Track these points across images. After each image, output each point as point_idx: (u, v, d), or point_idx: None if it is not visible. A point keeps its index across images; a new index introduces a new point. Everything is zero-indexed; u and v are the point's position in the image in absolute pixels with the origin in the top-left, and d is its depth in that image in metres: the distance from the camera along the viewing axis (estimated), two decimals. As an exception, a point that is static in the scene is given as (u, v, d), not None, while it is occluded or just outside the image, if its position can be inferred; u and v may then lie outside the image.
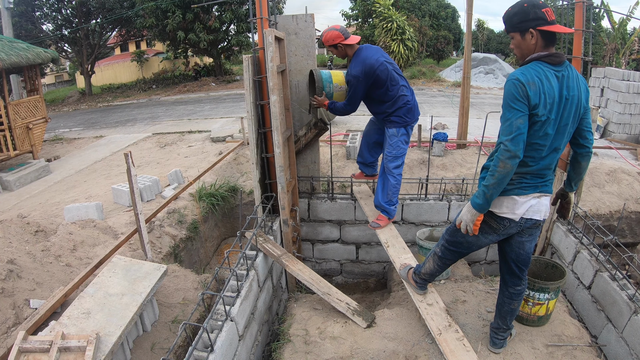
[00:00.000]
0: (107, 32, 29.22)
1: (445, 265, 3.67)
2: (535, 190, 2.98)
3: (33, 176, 9.86)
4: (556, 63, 2.74)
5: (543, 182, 3.00)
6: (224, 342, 3.23)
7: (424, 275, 3.87)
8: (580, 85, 2.82)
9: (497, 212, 3.05)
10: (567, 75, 2.76)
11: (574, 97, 2.78)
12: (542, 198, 3.02)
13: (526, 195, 2.97)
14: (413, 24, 25.45)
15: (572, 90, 2.76)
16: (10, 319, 3.89)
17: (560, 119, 2.80)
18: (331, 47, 4.68)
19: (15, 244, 4.99)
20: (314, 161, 5.85)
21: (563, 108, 2.77)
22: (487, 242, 3.27)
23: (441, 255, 3.60)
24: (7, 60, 9.97)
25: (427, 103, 17.52)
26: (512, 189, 2.97)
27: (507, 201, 3.00)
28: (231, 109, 17.34)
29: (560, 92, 2.73)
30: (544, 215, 3.08)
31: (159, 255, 5.59)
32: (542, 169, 2.95)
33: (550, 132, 2.80)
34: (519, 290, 3.37)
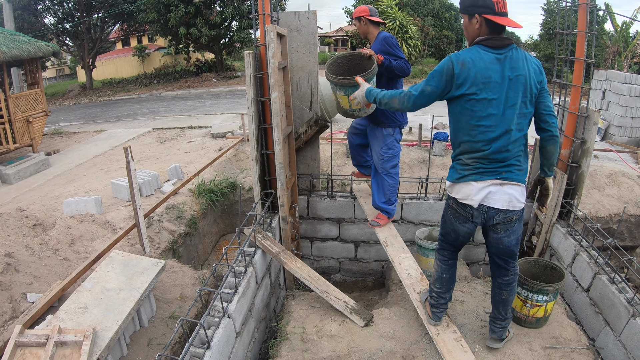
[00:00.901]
0: (109, 26, 29.23)
1: (444, 259, 3.58)
2: (495, 176, 2.97)
3: (32, 170, 9.84)
4: (496, 46, 2.83)
5: (504, 168, 2.96)
6: (220, 338, 3.22)
7: (434, 286, 3.70)
8: (529, 66, 2.85)
9: (458, 198, 3.11)
10: (510, 56, 2.82)
11: (520, 77, 2.82)
12: (505, 186, 2.98)
13: (484, 181, 2.98)
14: (416, 23, 25.41)
15: (517, 70, 2.81)
16: (7, 312, 3.88)
17: (506, 100, 2.85)
18: (356, 19, 4.80)
19: (14, 238, 4.97)
20: (314, 159, 5.84)
21: (508, 88, 2.83)
22: (465, 230, 3.26)
23: (438, 249, 3.61)
24: (8, 53, 9.97)
25: (428, 102, 17.48)
26: (469, 174, 3.02)
27: (465, 187, 3.05)
28: (232, 105, 17.34)
29: (502, 74, 2.80)
30: (507, 204, 3.00)
31: (157, 250, 5.58)
32: (497, 152, 2.93)
33: (494, 112, 2.87)
34: (506, 280, 3.33)
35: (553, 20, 27.40)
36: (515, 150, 2.97)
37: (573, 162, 4.88)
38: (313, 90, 5.37)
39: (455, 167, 3.15)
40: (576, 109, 4.76)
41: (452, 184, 3.17)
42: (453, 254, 3.57)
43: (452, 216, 3.28)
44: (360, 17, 4.73)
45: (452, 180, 3.16)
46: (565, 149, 4.89)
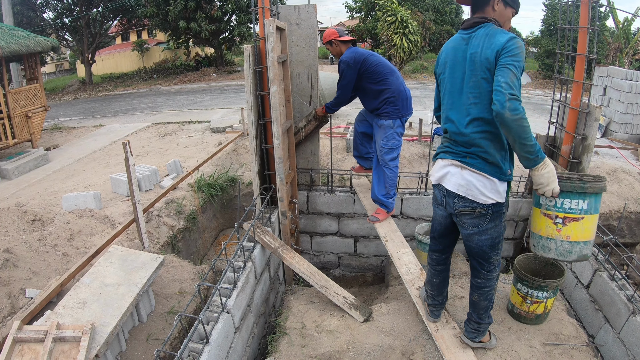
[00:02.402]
0: (108, 21, 29.17)
1: (432, 262, 3.53)
2: (457, 157, 2.95)
3: (32, 165, 9.83)
4: (464, 27, 2.90)
5: (468, 153, 2.89)
6: (219, 334, 3.21)
7: (426, 288, 3.71)
8: (484, 42, 2.71)
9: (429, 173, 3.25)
10: (474, 35, 2.80)
11: (474, 55, 2.75)
12: (464, 171, 2.91)
13: (446, 160, 3.03)
14: (416, 18, 25.34)
15: (473, 48, 2.77)
16: (5, 308, 3.87)
17: (462, 79, 2.87)
18: (327, 44, 4.96)
19: (12, 233, 4.96)
20: (313, 153, 5.82)
21: (461, 67, 2.85)
22: (439, 214, 3.30)
23: (429, 250, 3.61)
24: (7, 48, 9.94)
25: (428, 97, 17.49)
26: (439, 152, 3.14)
27: (435, 165, 3.18)
28: (232, 100, 17.32)
29: (464, 54, 2.83)
30: (465, 191, 2.92)
31: (156, 245, 5.57)
32: (455, 134, 2.95)
33: (448, 91, 2.99)
34: (477, 283, 3.24)
35: (554, 16, 27.32)
36: (474, 136, 2.84)
37: (574, 158, 4.87)
38: (313, 84, 5.36)
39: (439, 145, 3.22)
40: (577, 105, 4.74)
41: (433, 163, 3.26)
42: (441, 255, 3.50)
43: (433, 199, 3.34)
44: (331, 41, 4.92)
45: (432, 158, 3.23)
46: (566, 145, 4.88)
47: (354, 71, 4.75)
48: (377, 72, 4.75)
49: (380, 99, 4.82)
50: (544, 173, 2.69)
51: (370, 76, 4.78)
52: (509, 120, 2.50)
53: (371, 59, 4.75)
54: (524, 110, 2.52)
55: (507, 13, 2.83)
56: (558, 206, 2.95)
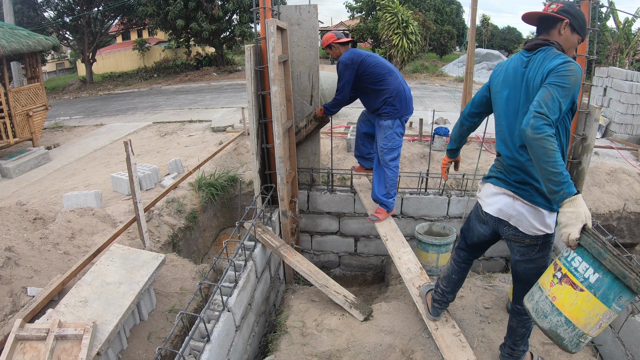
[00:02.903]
0: (109, 20, 29.15)
1: (458, 257, 3.49)
2: (510, 187, 2.85)
3: (32, 164, 9.84)
4: (526, 48, 2.79)
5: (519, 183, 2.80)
6: (220, 332, 3.23)
7: (442, 283, 3.61)
8: (539, 67, 2.62)
9: (477, 195, 3.16)
10: (533, 59, 2.72)
11: (529, 80, 2.67)
12: (516, 202, 2.81)
13: (499, 188, 2.93)
14: (417, 18, 25.35)
15: (530, 72, 2.69)
16: (7, 306, 3.88)
17: (510, 101, 2.83)
18: (327, 48, 5.01)
19: (14, 232, 4.98)
20: (314, 153, 5.84)
21: (519, 91, 2.76)
22: (480, 231, 3.22)
23: (456, 247, 3.57)
24: (7, 47, 9.94)
25: (429, 97, 17.50)
26: (491, 176, 3.04)
27: (485, 187, 3.09)
28: (232, 99, 17.32)
29: (522, 77, 2.74)
30: (516, 222, 2.82)
31: (157, 244, 5.58)
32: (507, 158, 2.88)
33: (498, 111, 2.94)
34: (518, 309, 3.09)
35: (555, 15, 27.30)
36: (526, 163, 2.72)
37: (574, 158, 4.88)
38: (314, 84, 5.37)
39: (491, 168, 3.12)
40: (577, 105, 4.74)
41: (481, 182, 3.17)
42: (468, 257, 3.46)
43: (474, 212, 3.28)
44: (330, 45, 4.97)
45: (481, 179, 3.16)
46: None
47: (352, 72, 4.76)
48: (375, 73, 4.76)
49: (380, 99, 4.84)
50: (566, 211, 2.30)
51: (368, 77, 4.79)
52: (530, 138, 2.34)
53: (369, 60, 4.76)
54: (549, 131, 2.31)
55: (572, 39, 2.71)
56: (567, 257, 2.45)
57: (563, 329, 2.38)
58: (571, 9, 2.66)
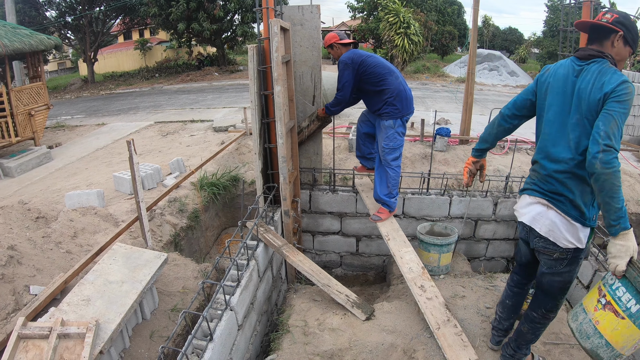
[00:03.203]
0: (111, 19, 29.16)
1: (510, 290, 3.45)
2: (544, 196, 2.83)
3: (34, 163, 9.84)
4: (578, 56, 2.72)
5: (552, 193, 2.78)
6: (223, 331, 3.23)
7: (497, 308, 3.61)
8: (595, 80, 2.56)
9: (514, 207, 3.13)
10: (586, 69, 2.64)
11: (582, 91, 2.61)
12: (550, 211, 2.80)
13: (533, 197, 2.91)
14: (418, 19, 25.36)
15: (583, 83, 2.62)
16: (10, 305, 3.89)
17: (557, 109, 2.77)
18: (329, 47, 5.04)
19: (16, 230, 4.99)
20: (316, 153, 5.85)
21: (568, 100, 2.69)
22: (522, 246, 3.22)
23: (512, 271, 3.52)
24: (10, 46, 9.95)
25: (430, 98, 17.50)
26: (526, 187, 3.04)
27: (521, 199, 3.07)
28: (234, 99, 17.33)
29: (573, 86, 2.67)
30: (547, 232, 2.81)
31: (159, 243, 5.59)
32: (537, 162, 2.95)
33: (542, 118, 2.90)
34: (533, 316, 3.14)
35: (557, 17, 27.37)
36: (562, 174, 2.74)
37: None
38: (316, 84, 5.38)
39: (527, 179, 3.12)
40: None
41: (518, 195, 3.18)
42: (520, 281, 3.39)
43: (519, 231, 3.23)
44: (332, 45, 4.99)
45: (519, 191, 3.16)
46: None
47: (352, 71, 4.77)
48: (375, 73, 4.77)
49: (381, 99, 4.85)
50: (617, 243, 2.41)
51: (369, 78, 4.80)
52: (599, 172, 2.38)
53: (369, 60, 4.77)
54: (618, 165, 2.36)
55: (624, 52, 2.66)
56: (612, 286, 2.56)
57: (603, 350, 2.59)
58: (626, 20, 2.61)
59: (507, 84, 24.27)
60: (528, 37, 45.32)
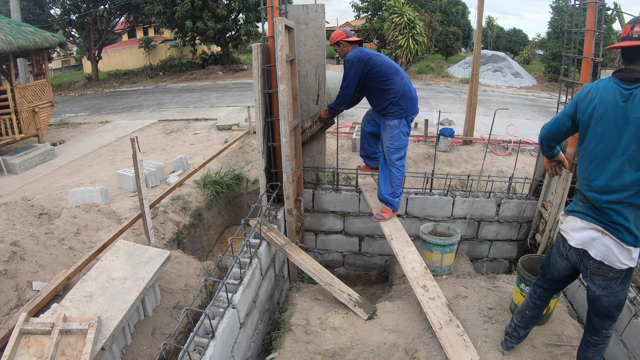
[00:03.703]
0: (115, 18, 29.23)
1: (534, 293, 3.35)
2: (599, 223, 2.72)
3: (38, 160, 9.88)
4: (622, 79, 2.60)
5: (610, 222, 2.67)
6: (225, 329, 3.23)
7: (515, 317, 3.49)
8: None
9: (561, 228, 2.97)
10: (636, 95, 2.50)
11: (635, 120, 2.48)
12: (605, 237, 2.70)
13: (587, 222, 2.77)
14: (423, 19, 25.33)
15: (637, 111, 2.48)
16: (12, 300, 3.90)
17: (606, 137, 2.64)
18: (335, 45, 4.99)
19: (19, 226, 5.00)
20: (320, 152, 5.84)
21: (619, 128, 2.57)
22: (561, 265, 3.06)
23: (534, 282, 3.41)
24: (14, 43, 9.98)
25: (434, 98, 17.50)
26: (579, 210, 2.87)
27: (571, 221, 2.89)
28: (238, 98, 17.35)
29: (624, 114, 2.54)
30: (603, 256, 2.72)
31: (162, 241, 5.60)
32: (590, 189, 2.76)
33: (588, 143, 2.75)
34: (594, 340, 3.03)
35: (561, 18, 27.30)
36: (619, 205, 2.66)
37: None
38: (320, 83, 5.38)
39: (574, 199, 2.97)
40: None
41: (564, 214, 3.02)
42: (544, 294, 3.31)
43: (556, 247, 3.11)
44: (338, 42, 4.94)
45: (565, 211, 3.00)
46: (571, 147, 4.88)
47: (358, 70, 4.75)
48: (381, 72, 4.75)
49: (386, 99, 4.83)
50: None
51: (375, 76, 4.78)
52: None
53: (375, 59, 4.75)
54: None
55: None
56: None
57: None
58: None
59: (511, 85, 24.24)
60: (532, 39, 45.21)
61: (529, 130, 11.40)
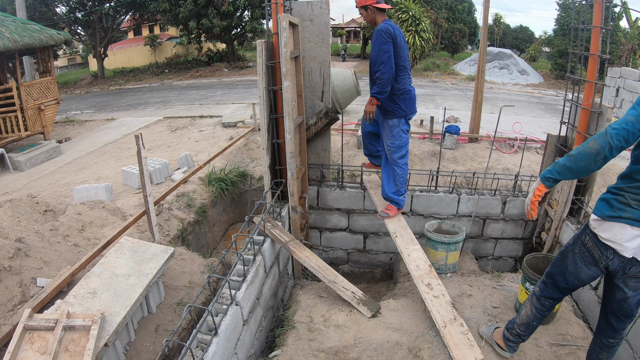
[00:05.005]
0: (121, 15, 29.27)
1: (543, 307, 3.14)
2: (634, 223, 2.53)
3: (43, 157, 9.90)
4: None
5: None
6: (228, 326, 3.23)
7: (518, 328, 3.29)
8: None
9: (603, 236, 2.66)
10: None
11: None
12: None
13: (630, 226, 2.54)
14: (429, 16, 25.26)
15: None
16: (16, 296, 3.91)
17: None
18: (362, 7, 4.60)
19: (24, 223, 5.01)
20: (324, 149, 5.83)
21: None
22: (589, 274, 2.83)
23: (540, 294, 3.16)
24: (20, 41, 10.00)
25: (440, 96, 17.45)
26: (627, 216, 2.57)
27: (617, 228, 2.59)
28: (243, 95, 17.35)
29: None
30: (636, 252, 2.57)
31: (166, 237, 5.60)
32: None
33: None
34: (610, 343, 2.97)
35: (568, 15, 27.16)
36: None
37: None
38: (325, 80, 5.36)
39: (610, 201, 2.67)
40: (589, 105, 4.71)
41: (599, 219, 2.68)
42: (554, 303, 3.14)
43: (579, 254, 2.84)
44: (367, 6, 4.55)
45: (601, 215, 2.67)
46: (578, 144, 4.85)
47: (392, 47, 4.43)
48: (401, 57, 4.53)
49: (396, 92, 4.68)
50: None
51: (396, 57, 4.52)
52: None
53: (400, 42, 4.49)
54: None
55: None
56: None
57: None
58: None
59: (518, 82, 24.13)
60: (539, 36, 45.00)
61: (535, 128, 11.35)
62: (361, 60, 34.29)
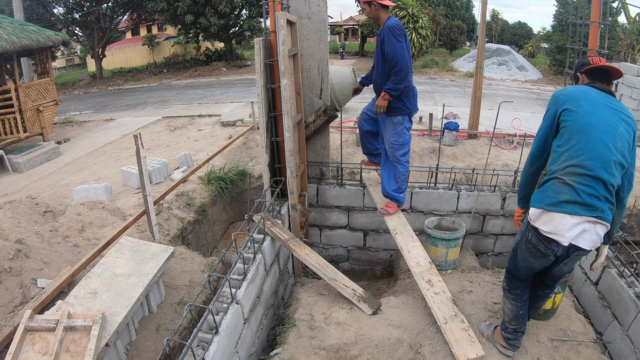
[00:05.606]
0: (119, 15, 29.22)
1: (517, 296, 3.27)
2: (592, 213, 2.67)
3: (43, 158, 9.90)
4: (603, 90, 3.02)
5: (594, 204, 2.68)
6: (229, 324, 3.23)
7: (510, 324, 3.38)
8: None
9: (543, 230, 2.78)
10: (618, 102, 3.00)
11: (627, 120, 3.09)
12: (597, 225, 2.69)
13: (580, 217, 2.66)
14: (427, 13, 25.25)
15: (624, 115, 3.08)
16: (17, 297, 3.91)
17: None
18: (365, 3, 4.55)
19: (24, 224, 5.01)
20: (323, 147, 5.83)
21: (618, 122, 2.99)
22: (542, 263, 3.01)
23: (507, 287, 3.35)
24: (18, 42, 10.00)
25: (438, 92, 17.43)
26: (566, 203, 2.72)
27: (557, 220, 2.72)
28: (242, 94, 17.33)
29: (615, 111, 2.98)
30: (592, 245, 2.76)
31: (166, 237, 5.60)
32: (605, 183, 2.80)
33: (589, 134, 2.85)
34: (546, 292, 3.37)
35: (566, 11, 27.14)
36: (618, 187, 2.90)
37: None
38: (323, 78, 5.36)
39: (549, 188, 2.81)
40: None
41: (539, 210, 2.81)
42: (526, 289, 3.28)
43: (527, 250, 3.00)
44: (371, 2, 4.49)
45: (540, 205, 2.81)
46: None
47: (404, 43, 4.41)
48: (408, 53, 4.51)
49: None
50: None
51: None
52: None
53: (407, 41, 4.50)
54: None
55: None
56: None
57: None
58: None
59: (516, 78, 24.11)
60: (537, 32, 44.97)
61: (534, 123, 11.32)
62: (359, 57, 34.21)
